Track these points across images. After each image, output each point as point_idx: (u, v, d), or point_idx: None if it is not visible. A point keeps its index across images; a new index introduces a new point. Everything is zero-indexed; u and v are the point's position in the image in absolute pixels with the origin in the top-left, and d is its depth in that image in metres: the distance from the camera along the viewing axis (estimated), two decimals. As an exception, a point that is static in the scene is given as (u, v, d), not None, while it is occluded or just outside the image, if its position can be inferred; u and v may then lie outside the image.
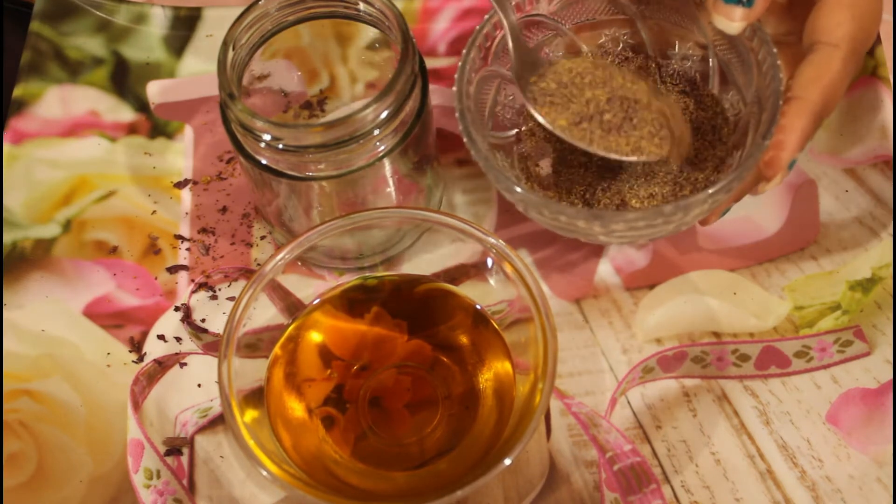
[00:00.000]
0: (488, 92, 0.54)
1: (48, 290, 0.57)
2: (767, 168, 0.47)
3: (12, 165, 0.60)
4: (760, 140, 0.47)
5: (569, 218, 0.47)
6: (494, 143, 0.54)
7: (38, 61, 0.63)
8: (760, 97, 0.50)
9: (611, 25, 0.55)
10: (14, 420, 0.53)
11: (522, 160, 0.55)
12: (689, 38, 0.54)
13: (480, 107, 0.53)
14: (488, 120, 0.54)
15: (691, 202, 0.46)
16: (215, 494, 0.51)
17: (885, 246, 0.55)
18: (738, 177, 0.46)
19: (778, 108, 0.47)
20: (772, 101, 0.47)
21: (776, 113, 0.47)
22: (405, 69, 0.48)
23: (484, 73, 0.53)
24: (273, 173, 0.50)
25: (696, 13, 0.53)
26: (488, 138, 0.53)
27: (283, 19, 0.52)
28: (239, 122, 0.48)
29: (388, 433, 0.50)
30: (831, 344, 0.53)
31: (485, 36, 0.52)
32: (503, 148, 0.54)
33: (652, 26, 0.55)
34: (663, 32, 0.55)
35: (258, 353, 0.50)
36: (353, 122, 0.47)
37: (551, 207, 0.47)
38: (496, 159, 0.52)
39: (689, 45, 0.54)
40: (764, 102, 0.49)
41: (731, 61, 0.52)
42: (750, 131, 0.51)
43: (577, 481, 0.50)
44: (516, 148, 0.55)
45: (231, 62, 0.50)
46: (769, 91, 0.48)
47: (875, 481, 0.49)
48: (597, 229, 0.48)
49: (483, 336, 0.51)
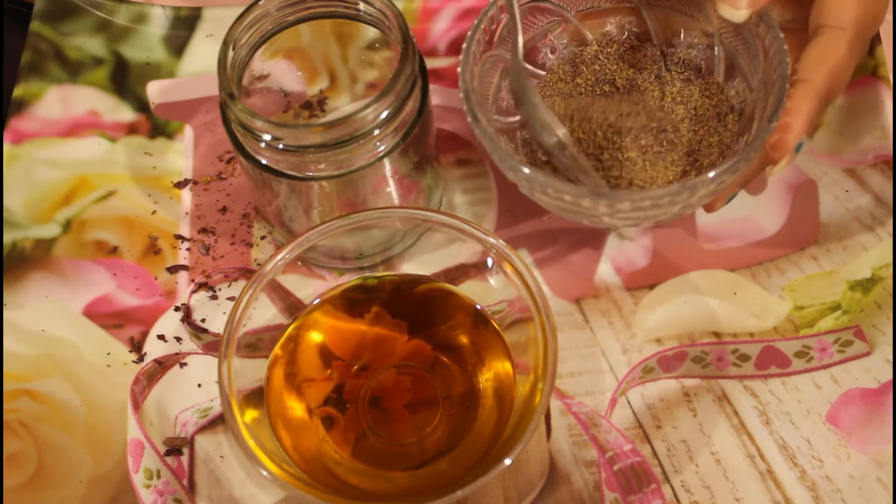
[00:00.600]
0: (492, 76, 0.53)
1: (48, 290, 0.57)
2: (774, 150, 0.47)
3: (12, 165, 0.60)
4: (767, 123, 0.46)
5: (573, 197, 0.46)
6: (498, 127, 0.53)
7: (38, 61, 0.63)
8: (767, 82, 0.49)
9: (616, 13, 0.55)
10: (14, 420, 0.53)
11: (526, 145, 0.54)
12: (694, 26, 0.54)
13: (484, 90, 0.53)
14: (492, 104, 0.53)
15: (697, 182, 0.45)
16: (215, 494, 0.51)
17: (885, 246, 0.55)
18: (744, 157, 0.46)
19: (784, 91, 0.47)
20: (778, 86, 0.47)
21: (783, 97, 0.47)
22: (405, 69, 0.48)
23: (489, 57, 0.52)
24: (273, 173, 0.50)
25: (701, 1, 0.52)
26: (493, 122, 0.52)
27: (283, 19, 0.52)
28: (239, 122, 0.48)
29: (388, 433, 0.50)
30: (831, 344, 0.53)
31: (490, 19, 0.51)
32: (506, 133, 0.54)
33: (657, 14, 0.55)
34: (669, 20, 0.55)
35: (258, 353, 0.50)
36: (353, 122, 0.47)
37: (555, 186, 0.46)
38: (500, 141, 0.51)
39: (695, 34, 0.54)
40: (770, 87, 0.48)
41: (737, 49, 0.52)
42: (756, 117, 0.50)
43: (578, 481, 0.50)
44: (520, 133, 0.55)
45: (231, 62, 0.50)
46: (776, 75, 0.48)
47: (875, 481, 0.49)
48: (602, 209, 0.47)
49: (483, 336, 0.51)
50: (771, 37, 0.49)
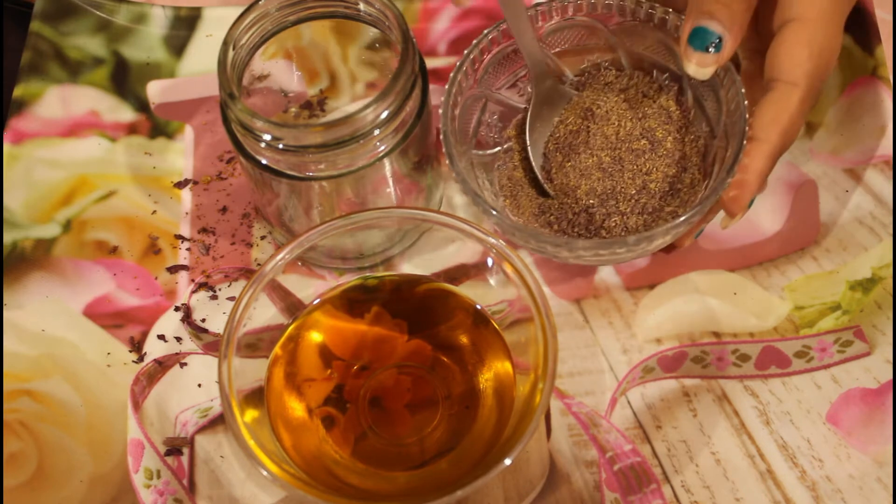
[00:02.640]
0: (474, 111, 0.55)
1: (48, 289, 0.57)
2: (730, 205, 0.49)
3: (12, 165, 0.60)
4: (724, 175, 0.49)
5: (538, 242, 0.49)
6: (476, 161, 0.55)
7: (38, 61, 0.63)
8: (728, 133, 0.51)
9: (593, 52, 0.56)
10: (14, 420, 0.53)
11: (502, 178, 0.56)
12: (666, 69, 0.55)
13: (465, 126, 0.55)
14: (472, 139, 0.55)
15: (654, 233, 0.48)
16: (215, 494, 0.51)
17: (885, 246, 0.55)
18: (699, 211, 0.48)
19: (742, 147, 0.49)
20: (737, 140, 0.49)
21: (740, 151, 0.49)
22: (405, 69, 0.48)
23: (472, 94, 0.54)
24: (273, 173, 0.50)
25: (674, 46, 0.54)
26: (471, 157, 0.54)
27: (283, 19, 0.52)
28: (239, 122, 0.48)
29: (388, 433, 0.50)
30: (831, 344, 0.53)
31: (472, 61, 0.54)
32: (485, 165, 0.56)
33: (632, 54, 0.56)
34: (642, 62, 0.56)
35: (258, 353, 0.50)
36: (353, 122, 0.47)
37: (524, 231, 0.49)
38: (477, 177, 0.54)
39: (666, 76, 0.55)
40: (731, 139, 0.50)
41: (706, 94, 0.54)
42: (716, 164, 0.52)
43: (578, 481, 0.50)
44: (497, 166, 0.56)
45: (231, 62, 0.50)
46: (735, 129, 0.50)
47: (875, 481, 0.49)
48: (564, 253, 0.50)
49: (483, 336, 0.51)
50: (733, 91, 0.50)
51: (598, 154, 0.54)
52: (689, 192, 0.53)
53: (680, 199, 0.53)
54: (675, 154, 0.53)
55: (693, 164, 0.54)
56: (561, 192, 0.54)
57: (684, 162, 0.53)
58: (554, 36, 0.56)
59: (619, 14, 0.54)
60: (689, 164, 0.54)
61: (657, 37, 0.54)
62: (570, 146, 0.54)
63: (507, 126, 0.57)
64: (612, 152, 0.54)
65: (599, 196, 0.53)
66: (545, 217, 0.54)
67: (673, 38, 0.53)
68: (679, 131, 0.54)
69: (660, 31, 0.53)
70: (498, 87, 0.56)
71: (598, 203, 0.53)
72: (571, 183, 0.53)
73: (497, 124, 0.57)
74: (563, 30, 0.55)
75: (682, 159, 0.53)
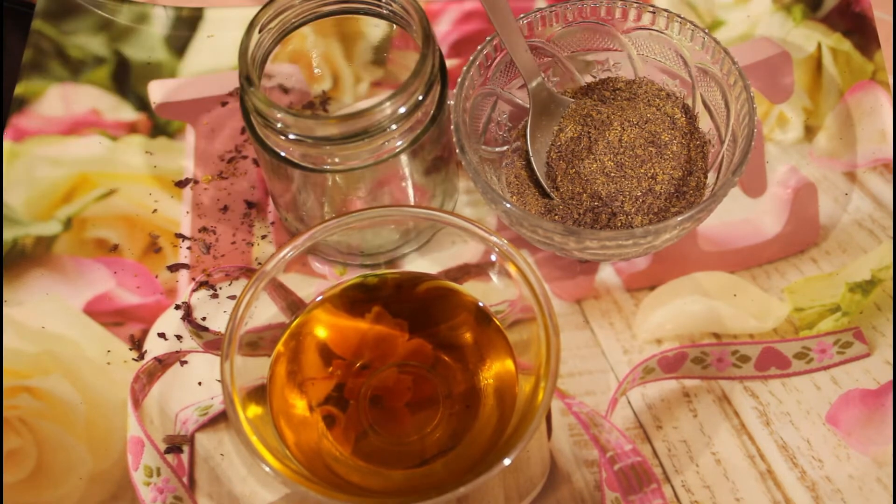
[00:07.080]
0: (485, 108, 0.56)
1: (49, 287, 0.56)
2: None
3: (13, 163, 0.60)
4: (731, 175, 0.49)
5: (546, 231, 0.50)
6: (485, 157, 0.55)
7: (39, 59, 0.63)
8: (735, 136, 0.52)
9: (603, 56, 0.57)
10: (14, 417, 0.53)
11: (510, 176, 0.57)
12: (676, 75, 0.56)
13: (476, 121, 0.55)
14: (481, 135, 0.56)
15: (661, 227, 0.48)
16: (215, 492, 0.51)
17: (885, 248, 0.55)
18: (705, 208, 0.49)
19: (750, 147, 0.49)
20: (744, 142, 0.50)
21: (748, 153, 0.49)
22: (425, 66, 0.48)
23: (483, 90, 0.55)
24: (287, 163, 0.50)
25: (684, 52, 0.54)
26: (480, 152, 0.55)
27: (312, 10, 0.52)
28: (256, 111, 0.48)
29: (388, 432, 0.50)
30: (831, 345, 0.53)
31: (486, 56, 0.54)
32: (493, 162, 0.56)
33: (641, 59, 0.57)
34: (651, 67, 0.57)
35: (259, 351, 0.50)
36: (370, 116, 0.47)
37: (531, 220, 0.50)
38: (486, 172, 0.54)
39: (676, 81, 0.56)
40: (738, 141, 0.51)
41: (714, 98, 0.54)
42: (724, 164, 0.53)
43: (578, 481, 0.50)
44: (505, 164, 0.57)
45: (255, 46, 0.49)
46: (743, 132, 0.51)
47: (875, 481, 0.50)
48: (571, 244, 0.50)
49: (485, 334, 0.51)
50: (744, 96, 0.51)
51: (601, 159, 0.54)
52: (695, 195, 0.53)
53: (686, 200, 0.53)
54: (680, 157, 0.54)
55: (699, 168, 0.54)
56: (566, 196, 0.54)
57: (690, 165, 0.54)
58: (565, 39, 0.56)
59: (631, 19, 0.55)
60: (695, 167, 0.54)
61: (667, 42, 0.55)
62: (572, 153, 0.55)
63: (517, 126, 0.57)
64: (616, 157, 0.54)
65: (604, 198, 0.53)
66: (551, 216, 0.54)
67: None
68: (684, 136, 0.54)
69: (668, 37, 0.54)
70: (508, 87, 0.57)
71: (603, 204, 0.53)
72: (576, 189, 0.54)
73: (507, 123, 0.57)
74: (573, 33, 0.56)
75: (687, 162, 0.54)
